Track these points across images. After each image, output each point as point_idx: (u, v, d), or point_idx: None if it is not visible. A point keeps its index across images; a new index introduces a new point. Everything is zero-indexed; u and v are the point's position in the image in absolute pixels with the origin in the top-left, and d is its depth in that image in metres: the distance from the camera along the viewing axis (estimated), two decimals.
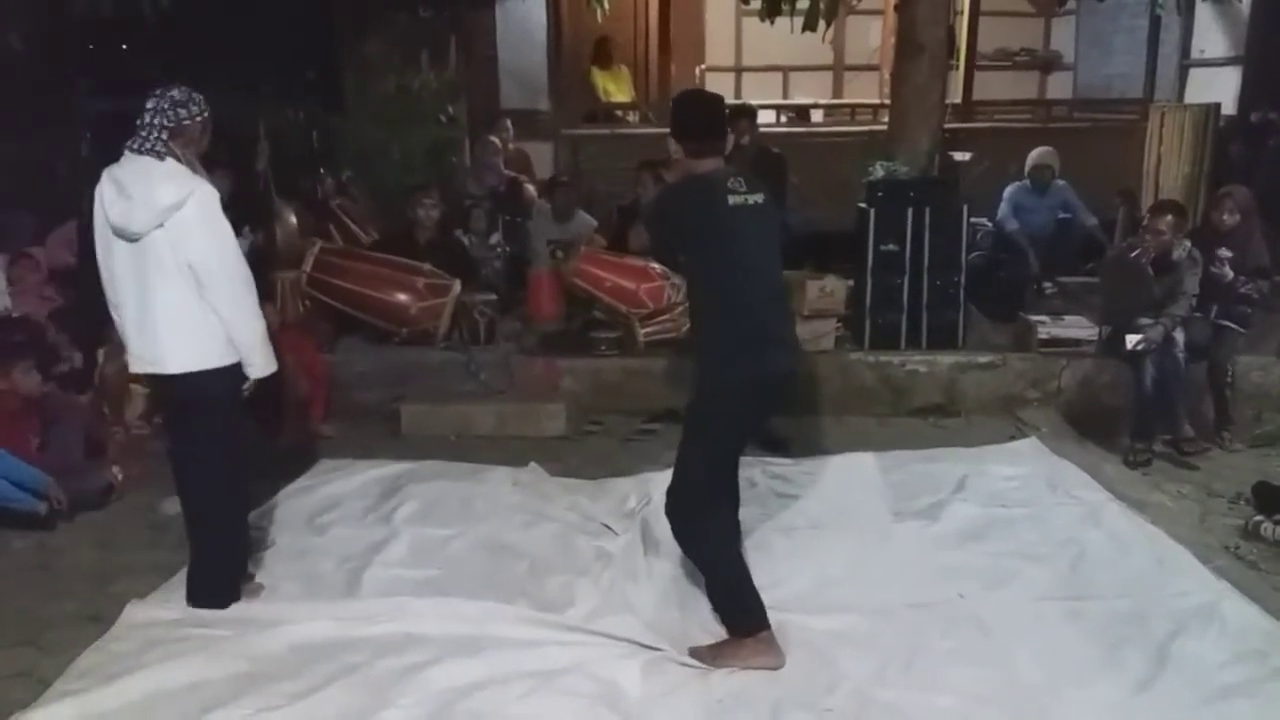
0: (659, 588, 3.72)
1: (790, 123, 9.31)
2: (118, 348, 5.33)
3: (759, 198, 3.22)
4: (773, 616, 3.32)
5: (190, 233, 3.20)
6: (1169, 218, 5.16)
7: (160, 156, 3.22)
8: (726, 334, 3.16)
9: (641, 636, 3.34)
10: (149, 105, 3.24)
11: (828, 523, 4.27)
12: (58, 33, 6.47)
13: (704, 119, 3.31)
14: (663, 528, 4.08)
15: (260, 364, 3.38)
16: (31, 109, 6.40)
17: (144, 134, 3.23)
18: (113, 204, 3.23)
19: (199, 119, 3.28)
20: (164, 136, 3.22)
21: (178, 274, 3.23)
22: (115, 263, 3.31)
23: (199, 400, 3.35)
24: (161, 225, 3.19)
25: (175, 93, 3.25)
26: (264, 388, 3.50)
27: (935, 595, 3.66)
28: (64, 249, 6.48)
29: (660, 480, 4.45)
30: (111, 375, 5.38)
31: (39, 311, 5.79)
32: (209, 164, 3.41)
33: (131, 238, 3.23)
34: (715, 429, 3.26)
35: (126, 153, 3.26)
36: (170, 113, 3.23)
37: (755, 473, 4.66)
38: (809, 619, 3.48)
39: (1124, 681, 3.14)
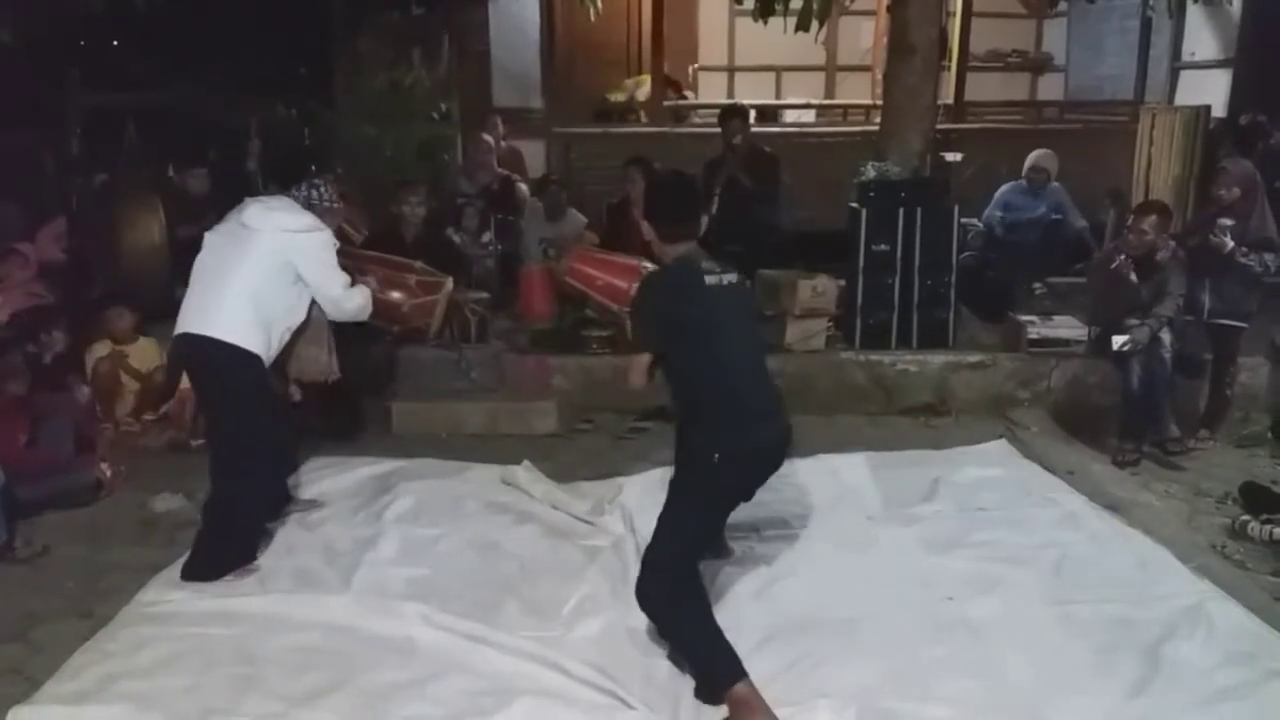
0: None
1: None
2: (116, 355, 5.39)
3: (732, 277, 3.27)
4: (758, 625, 3.29)
5: (303, 257, 3.84)
6: (1153, 218, 5.17)
7: (306, 207, 3.98)
8: (715, 416, 3.17)
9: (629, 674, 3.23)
10: (304, 186, 4.04)
11: (809, 528, 4.25)
12: (49, 27, 6.44)
13: (678, 203, 3.33)
14: (651, 526, 4.11)
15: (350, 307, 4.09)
16: (21, 104, 6.37)
17: (300, 195, 4.00)
18: (251, 207, 3.91)
19: (329, 206, 4.06)
20: (312, 206, 3.99)
21: (268, 271, 3.78)
22: (210, 246, 3.88)
23: (225, 375, 3.76)
24: (281, 232, 3.80)
25: (317, 183, 4.08)
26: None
27: (923, 600, 3.65)
28: (53, 244, 6.45)
29: (649, 480, 4.50)
30: (104, 372, 5.38)
31: (27, 308, 5.77)
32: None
33: (251, 227, 3.82)
34: (706, 504, 3.27)
35: (281, 194, 4.03)
36: (309, 192, 4.02)
37: None
38: (795, 627, 3.46)
39: (1118, 687, 3.14)
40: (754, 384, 3.28)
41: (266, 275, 3.78)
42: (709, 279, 3.19)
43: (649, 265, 5.78)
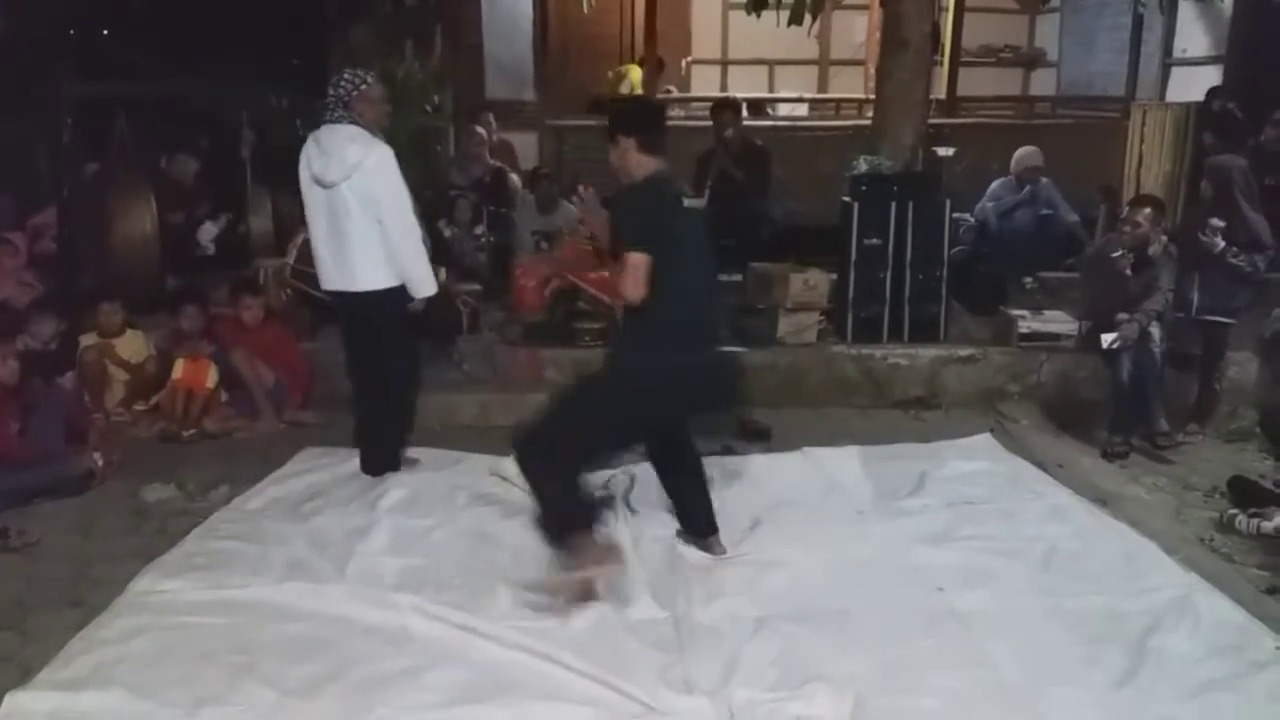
0: (644, 577, 3.72)
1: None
2: (103, 345, 5.38)
3: (698, 202, 3.62)
4: (749, 617, 3.33)
5: (372, 183, 4.19)
6: (1147, 210, 5.20)
7: (344, 123, 4.21)
8: (664, 322, 3.37)
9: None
10: (329, 87, 4.25)
11: (799, 521, 4.23)
12: (40, 17, 6.42)
13: (652, 115, 3.67)
14: (644, 518, 4.13)
15: (421, 285, 4.38)
16: (12, 94, 6.35)
17: (330, 108, 4.23)
18: (315, 160, 4.24)
19: (359, 90, 4.23)
20: (342, 108, 4.21)
21: (361, 215, 4.20)
22: (312, 207, 4.31)
23: (378, 311, 4.34)
24: (349, 178, 4.14)
25: (344, 74, 4.28)
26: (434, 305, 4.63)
27: (913, 593, 3.66)
28: (44, 234, 6.44)
29: (645, 473, 4.50)
30: (91, 362, 5.36)
31: (18, 298, 5.76)
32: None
33: (327, 185, 4.20)
34: (625, 408, 3.44)
35: (324, 124, 4.25)
36: (340, 88, 4.22)
37: (723, 468, 4.59)
38: (785, 619, 3.46)
39: (1105, 678, 3.15)
40: (704, 303, 3.52)
41: (367, 216, 4.18)
42: (686, 201, 3.51)
43: None
